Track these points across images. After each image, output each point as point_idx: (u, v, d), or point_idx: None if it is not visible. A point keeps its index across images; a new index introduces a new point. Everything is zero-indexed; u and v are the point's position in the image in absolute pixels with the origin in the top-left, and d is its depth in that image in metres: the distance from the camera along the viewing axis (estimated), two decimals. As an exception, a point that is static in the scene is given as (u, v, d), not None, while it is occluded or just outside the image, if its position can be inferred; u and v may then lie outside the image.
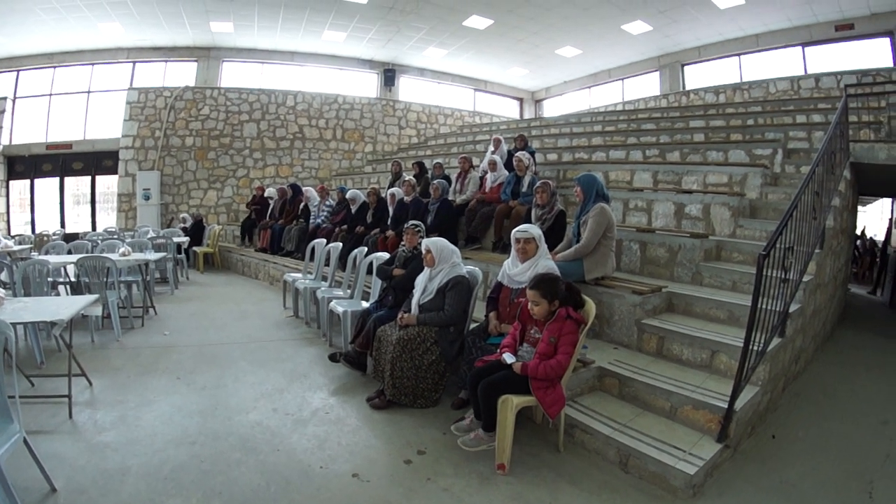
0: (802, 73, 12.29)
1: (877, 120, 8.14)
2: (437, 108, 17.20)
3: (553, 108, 18.90)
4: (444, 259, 4.08)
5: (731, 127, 9.36)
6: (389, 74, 16.31)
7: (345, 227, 8.36)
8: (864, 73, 10.79)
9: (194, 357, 5.03)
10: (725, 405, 3.23)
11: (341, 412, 3.88)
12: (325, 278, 6.73)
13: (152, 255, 7.15)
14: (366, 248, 6.30)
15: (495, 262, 5.81)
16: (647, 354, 4.29)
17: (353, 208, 8.50)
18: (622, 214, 6.78)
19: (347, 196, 8.70)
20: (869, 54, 11.43)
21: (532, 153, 7.99)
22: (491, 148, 8.75)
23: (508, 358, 3.24)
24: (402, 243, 4.89)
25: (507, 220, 6.64)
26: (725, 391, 3.37)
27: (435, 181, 7.35)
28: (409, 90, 17.02)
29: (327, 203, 9.57)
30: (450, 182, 8.10)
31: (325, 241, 7.29)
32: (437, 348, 3.93)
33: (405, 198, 7.48)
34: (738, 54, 13.56)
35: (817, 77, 11.75)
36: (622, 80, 16.42)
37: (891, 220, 11.19)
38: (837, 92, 10.77)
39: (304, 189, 10.35)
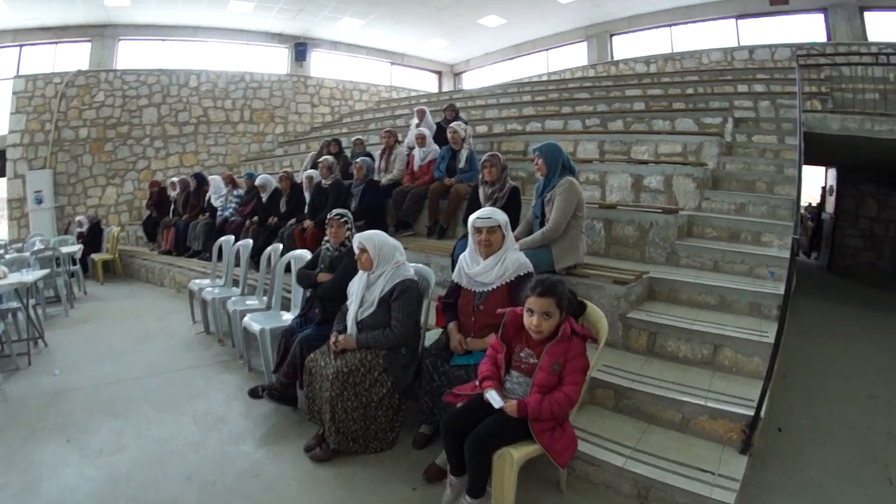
0: (736, 44, 12.23)
1: (820, 91, 8.06)
2: (352, 84, 15.87)
3: (473, 82, 18.06)
4: (384, 259, 3.16)
5: (671, 95, 8.99)
6: (301, 49, 14.85)
7: (255, 218, 7.21)
8: (799, 46, 10.87)
9: (88, 404, 3.85)
10: (746, 411, 2.79)
11: (274, 471, 2.90)
12: (236, 282, 5.63)
13: (31, 276, 5.60)
14: (281, 246, 5.24)
15: (434, 250, 5.10)
16: (635, 353, 3.67)
17: (264, 196, 7.36)
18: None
19: (257, 183, 7.52)
20: (802, 28, 11.59)
21: (466, 124, 7.18)
22: (415, 120, 7.80)
23: (495, 401, 2.34)
24: (326, 239, 3.92)
25: (444, 200, 5.90)
26: (739, 392, 3.01)
27: (358, 159, 6.29)
28: (321, 65, 15.63)
29: (235, 192, 8.31)
30: (373, 160, 7.10)
31: (233, 237, 6.15)
32: (387, 378, 3.03)
33: (323, 181, 6.37)
34: (670, 25, 13.33)
35: (751, 49, 11.72)
36: (547, 50, 15.85)
37: (824, 187, 11.46)
38: (772, 64, 10.99)
39: (208, 178, 9.01)
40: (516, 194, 4.46)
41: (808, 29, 11.48)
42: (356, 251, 3.17)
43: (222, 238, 6.20)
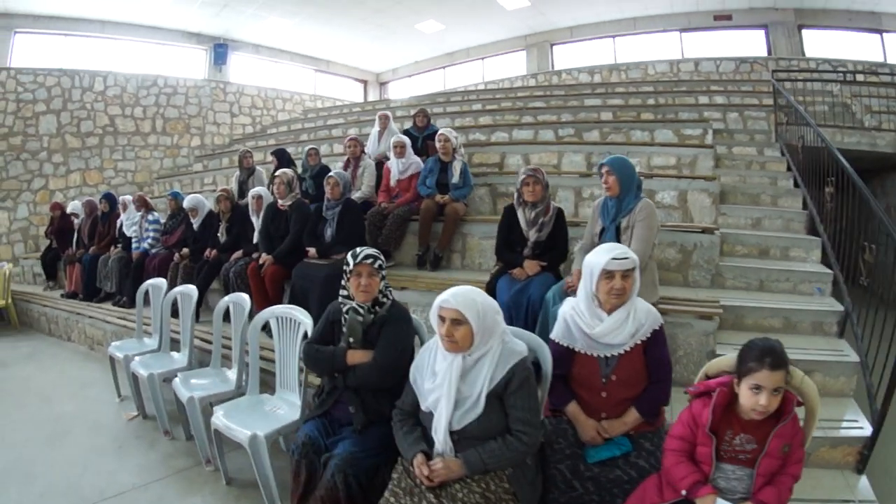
0: (681, 56, 12.40)
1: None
2: (275, 92, 14.46)
3: (399, 92, 17.05)
4: (489, 331, 2.04)
5: (634, 106, 8.74)
6: (220, 51, 13.22)
7: (185, 251, 5.78)
8: (742, 60, 11.39)
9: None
10: (859, 433, 2.82)
11: None
12: (173, 341, 4.30)
13: None
14: (248, 298, 3.70)
15: (432, 286, 4.26)
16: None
17: (196, 222, 5.92)
18: (574, 206, 5.54)
19: (186, 204, 6.00)
20: (744, 43, 11.97)
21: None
22: (376, 128, 6.76)
23: None
24: (344, 293, 2.57)
25: (442, 222, 5.03)
26: (841, 415, 3.01)
27: (332, 174, 4.93)
28: (241, 70, 14.11)
29: (150, 218, 6.68)
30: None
31: (163, 280, 4.71)
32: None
33: (280, 201, 5.06)
34: (613, 36, 13.28)
35: (696, 61, 11.94)
36: (482, 59, 15.31)
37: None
38: (717, 76, 11.29)
39: (119, 199, 7.28)
40: (563, 217, 3.68)
41: (750, 43, 11.87)
42: (439, 320, 2.03)
43: (150, 282, 4.75)
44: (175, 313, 4.32)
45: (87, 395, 4.72)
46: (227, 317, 3.72)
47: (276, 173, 5.28)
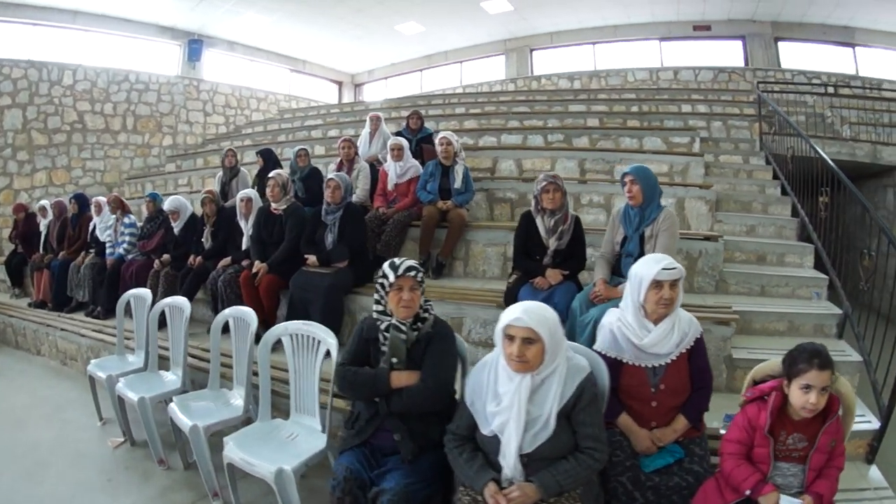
0: (660, 65, 12.67)
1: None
2: (249, 91, 14.11)
3: (375, 94, 16.89)
4: (556, 348, 1.92)
5: (616, 113, 8.82)
6: (195, 47, 12.75)
7: (166, 257, 5.45)
8: (721, 70, 11.82)
9: None
10: (869, 426, 2.91)
11: None
12: (164, 358, 3.93)
13: None
14: (253, 313, 3.35)
15: (468, 298, 4.15)
16: (739, 395, 3.34)
17: (177, 226, 5.56)
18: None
19: (166, 207, 5.64)
20: (721, 53, 12.43)
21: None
22: (367, 129, 6.54)
23: None
24: (379, 308, 2.32)
25: (447, 228, 4.90)
26: None
27: (333, 176, 4.65)
28: (215, 68, 13.68)
29: (126, 221, 6.23)
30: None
31: (147, 291, 4.31)
32: (586, 523, 1.93)
33: (274, 205, 4.77)
34: (593, 43, 13.48)
35: (676, 70, 12.26)
36: (461, 63, 15.31)
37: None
38: (695, 84, 11.57)
39: (92, 200, 6.81)
40: (580, 225, 3.66)
41: (728, 54, 12.27)
42: (507, 339, 1.90)
43: (132, 292, 4.34)
44: (159, 327, 3.98)
45: (64, 418, 4.22)
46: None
47: (270, 175, 4.96)
